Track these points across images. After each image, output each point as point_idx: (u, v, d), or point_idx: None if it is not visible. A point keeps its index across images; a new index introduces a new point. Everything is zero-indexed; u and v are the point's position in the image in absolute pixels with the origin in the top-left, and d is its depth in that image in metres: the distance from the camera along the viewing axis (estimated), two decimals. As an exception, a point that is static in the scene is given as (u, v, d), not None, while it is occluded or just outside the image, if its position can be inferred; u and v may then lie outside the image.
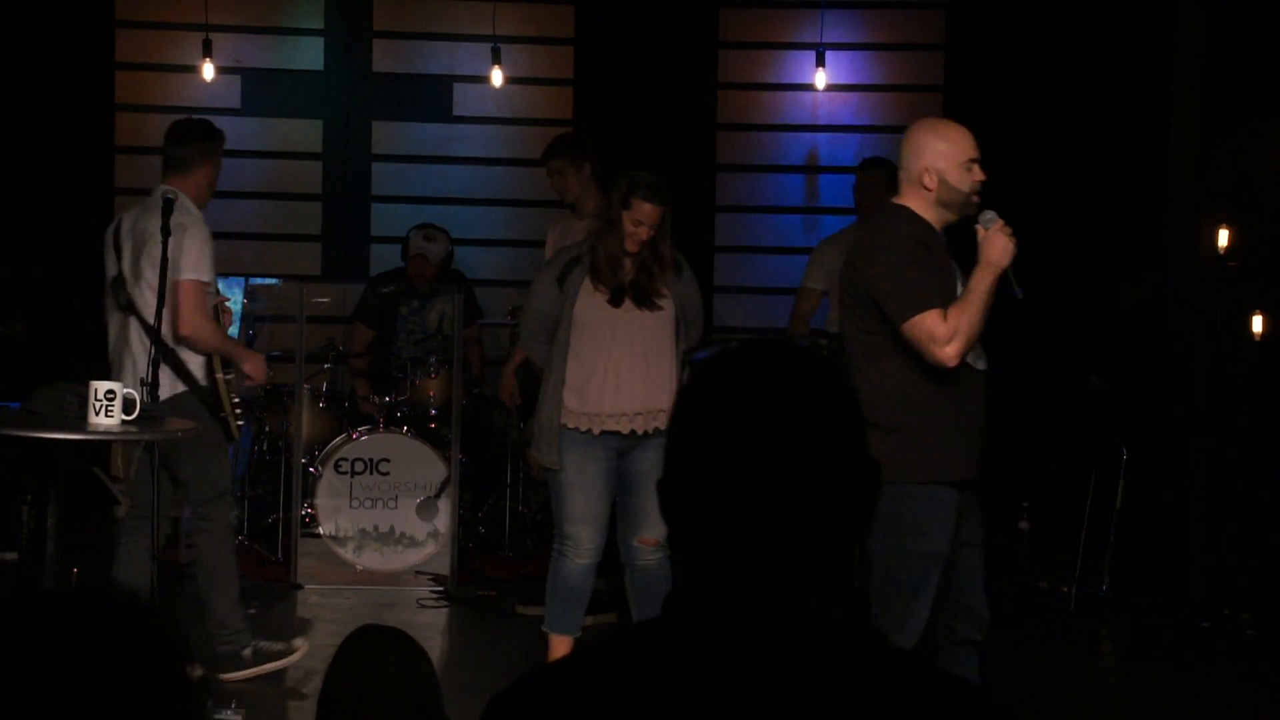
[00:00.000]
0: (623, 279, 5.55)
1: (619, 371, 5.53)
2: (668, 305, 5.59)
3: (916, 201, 4.64)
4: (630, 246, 5.52)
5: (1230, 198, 7.69)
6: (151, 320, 5.60)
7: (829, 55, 9.00)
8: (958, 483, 4.54)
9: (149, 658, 1.46)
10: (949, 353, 4.49)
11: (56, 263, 8.73)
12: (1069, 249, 8.51)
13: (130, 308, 5.84)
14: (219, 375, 5.87)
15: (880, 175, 7.63)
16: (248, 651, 5.93)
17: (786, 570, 1.52)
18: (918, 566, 4.49)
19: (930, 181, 4.61)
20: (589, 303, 5.55)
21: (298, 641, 6.08)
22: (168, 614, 6.46)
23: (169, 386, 5.76)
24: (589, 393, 5.55)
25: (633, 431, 5.54)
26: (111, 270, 5.97)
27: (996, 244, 4.57)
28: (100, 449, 8.19)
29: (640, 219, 5.48)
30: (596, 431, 5.55)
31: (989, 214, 4.65)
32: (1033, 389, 8.50)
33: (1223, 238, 7.59)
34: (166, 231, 5.66)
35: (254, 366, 6.01)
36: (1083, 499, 7.44)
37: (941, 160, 4.62)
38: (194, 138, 5.94)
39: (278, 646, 6.01)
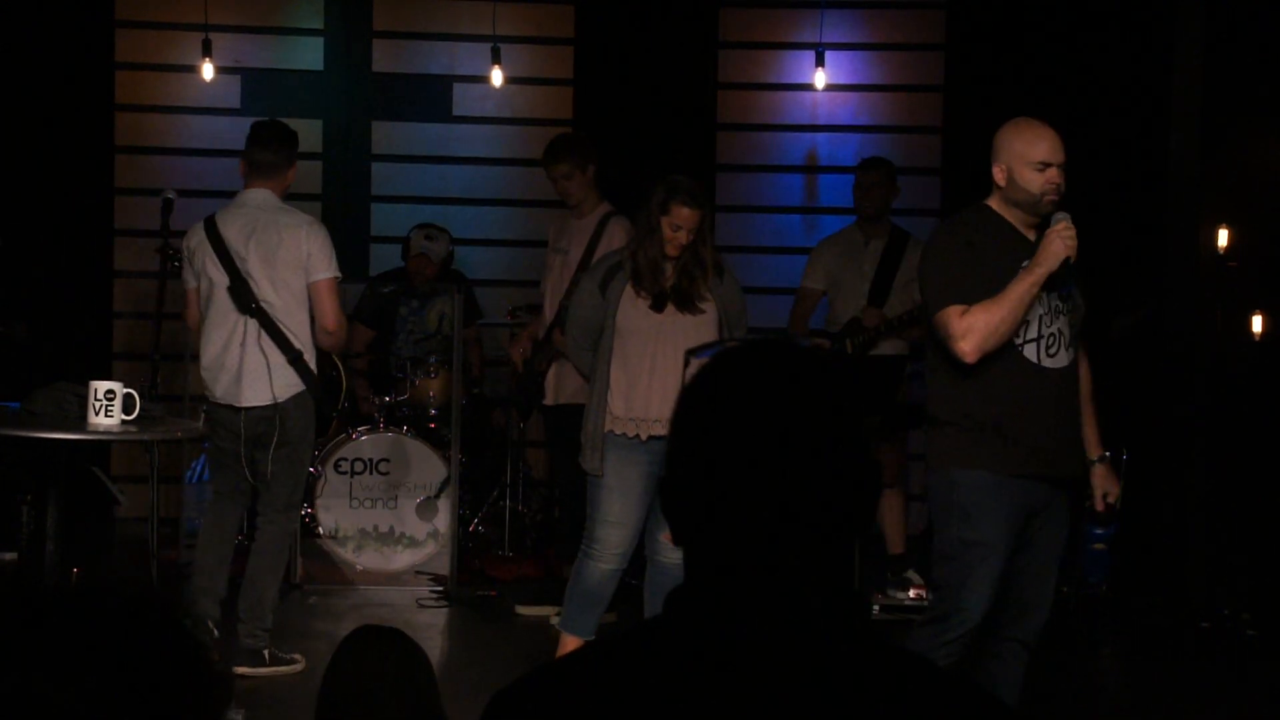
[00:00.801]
0: (664, 284, 5.58)
1: (664, 376, 5.54)
2: (710, 309, 5.61)
3: (995, 198, 4.70)
4: (670, 251, 5.56)
5: (1230, 198, 7.69)
6: (284, 320, 5.86)
7: (829, 55, 9.00)
8: (1027, 477, 4.54)
9: (171, 651, 1.46)
10: (963, 348, 4.50)
11: (56, 263, 8.73)
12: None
13: (257, 310, 5.90)
14: (339, 371, 6.20)
15: (879, 175, 7.64)
16: (267, 653, 6.05)
17: (787, 570, 1.52)
18: (964, 554, 4.51)
19: (1001, 178, 4.67)
20: (631, 309, 5.59)
21: (299, 656, 6.15)
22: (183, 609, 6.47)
23: (295, 384, 5.93)
24: (635, 398, 5.58)
25: None
26: (217, 274, 5.96)
27: (1047, 247, 4.56)
28: (100, 449, 8.20)
29: (679, 224, 5.51)
30: (644, 437, 5.57)
31: (1058, 215, 4.65)
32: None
33: (1223, 238, 7.59)
34: (166, 232, 5.81)
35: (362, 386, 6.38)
36: (1082, 499, 7.43)
37: (1013, 158, 4.68)
38: (283, 142, 6.07)
39: (291, 656, 6.12)
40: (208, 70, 8.78)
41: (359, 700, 3.05)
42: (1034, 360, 4.56)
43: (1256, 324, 7.56)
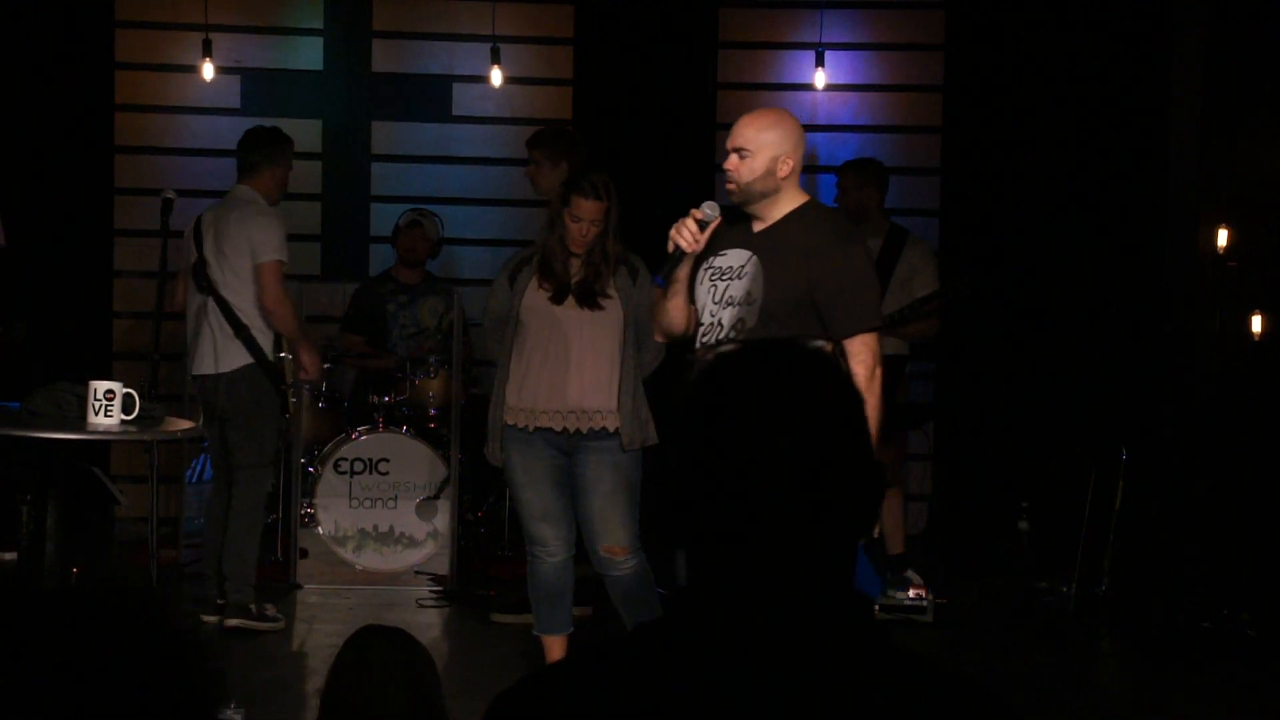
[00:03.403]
0: (568, 277, 5.57)
1: (554, 368, 5.53)
2: (612, 306, 5.57)
3: None
4: (573, 245, 5.54)
5: (1230, 198, 7.69)
6: (230, 299, 6.53)
7: (828, 55, 9.00)
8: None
9: (161, 649, 1.46)
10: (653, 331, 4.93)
11: (56, 263, 8.73)
12: (1069, 249, 8.51)
13: (210, 289, 6.58)
14: (283, 354, 6.65)
15: (851, 179, 7.62)
16: (253, 606, 6.60)
17: (790, 571, 1.52)
18: None
19: None
20: (532, 300, 5.59)
21: (280, 617, 6.75)
22: (176, 607, 6.51)
23: (240, 358, 6.56)
24: (525, 388, 5.57)
25: (566, 430, 5.53)
26: (191, 257, 6.69)
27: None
28: (100, 449, 8.20)
29: (579, 215, 5.50)
30: (532, 428, 5.55)
31: (705, 204, 4.63)
32: (1032, 389, 8.51)
33: (1222, 238, 7.58)
34: (166, 231, 6.46)
35: (310, 361, 6.73)
36: (1082, 499, 7.44)
37: None
38: (258, 144, 6.72)
39: (273, 612, 6.72)
40: (208, 70, 8.77)
41: (363, 700, 3.05)
42: (698, 347, 4.63)
43: (1256, 324, 7.55)
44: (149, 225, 7.87)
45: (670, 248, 4.48)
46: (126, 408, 5.22)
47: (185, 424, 5.81)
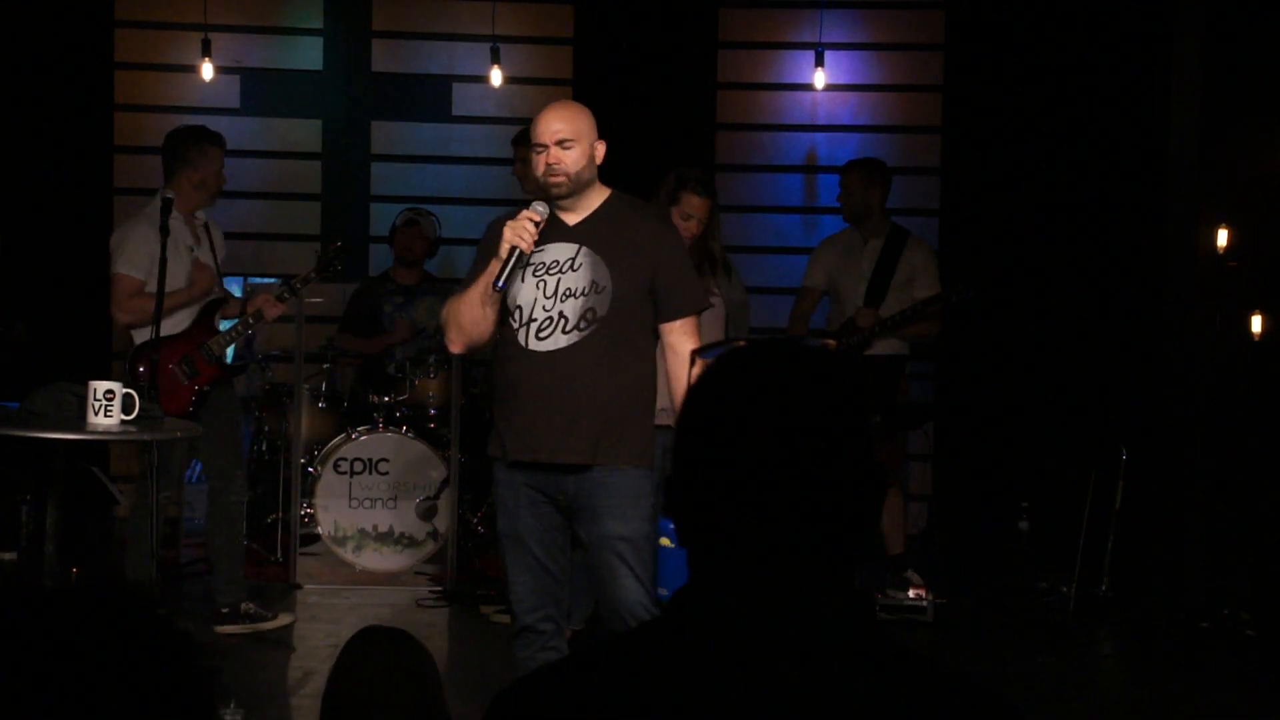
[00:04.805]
0: None
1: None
2: (718, 303, 5.58)
3: None
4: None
5: (1230, 198, 7.69)
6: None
7: (828, 55, 9.00)
8: (524, 465, 4.48)
9: (158, 651, 1.46)
10: (446, 340, 4.65)
11: (56, 263, 8.73)
12: (1068, 249, 8.51)
13: None
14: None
15: (851, 178, 7.62)
16: (244, 607, 6.57)
17: (793, 570, 1.52)
18: (502, 547, 4.58)
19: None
20: None
21: (284, 615, 6.71)
22: (172, 608, 6.50)
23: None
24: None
25: (669, 428, 5.53)
26: None
27: (502, 236, 4.50)
28: (100, 449, 8.20)
29: (690, 212, 5.50)
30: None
31: (535, 204, 4.57)
32: (1032, 389, 8.51)
33: (1222, 238, 7.58)
34: (165, 230, 6.18)
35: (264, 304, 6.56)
36: (1083, 499, 7.44)
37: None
38: (169, 145, 6.59)
39: (268, 614, 6.65)
40: (207, 70, 8.78)
41: (365, 701, 3.04)
42: (522, 343, 4.50)
43: (1256, 324, 7.56)
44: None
45: (505, 251, 4.42)
46: (126, 408, 5.22)
47: (185, 424, 5.81)
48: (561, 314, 4.47)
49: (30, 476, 6.83)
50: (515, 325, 4.49)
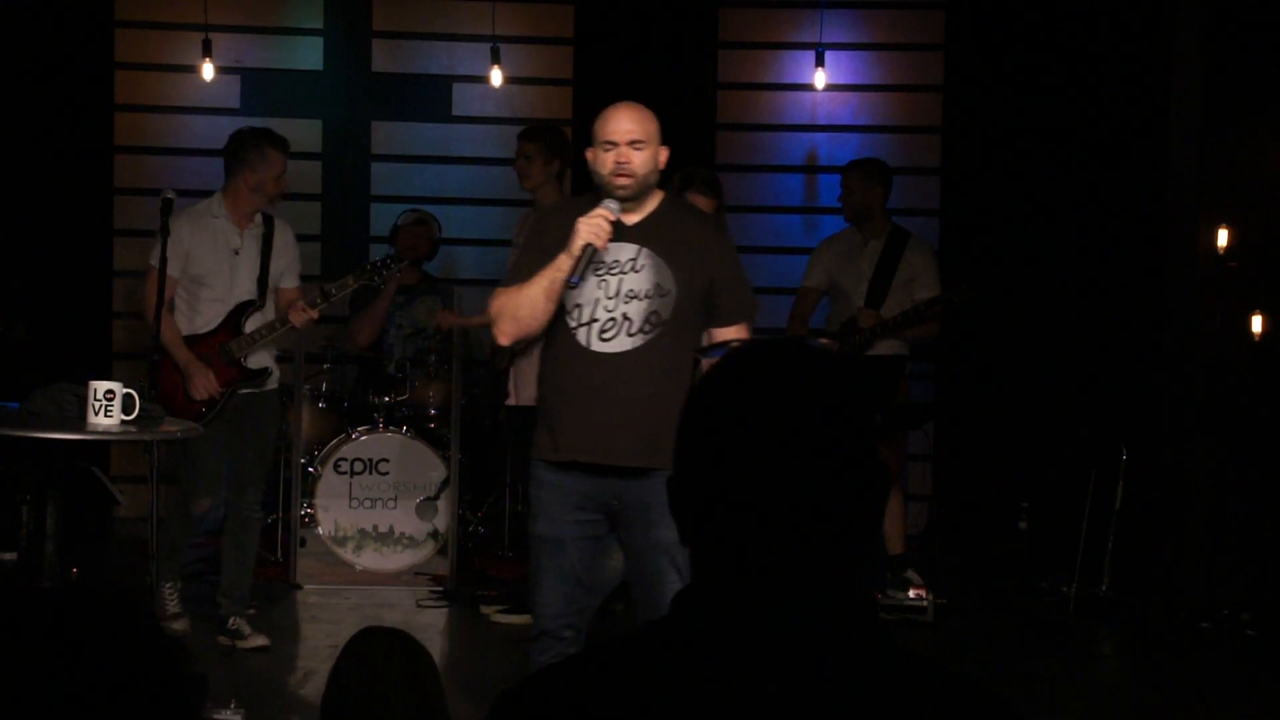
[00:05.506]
0: None
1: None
2: None
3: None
4: None
5: (1230, 198, 7.69)
6: None
7: (828, 55, 9.00)
8: (576, 467, 4.42)
9: (143, 655, 1.46)
10: (494, 331, 4.56)
11: (56, 263, 8.73)
12: (1068, 249, 8.51)
13: None
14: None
15: (853, 179, 7.63)
16: (231, 622, 6.46)
17: (795, 571, 1.52)
18: (535, 549, 4.52)
19: (591, 162, 4.58)
20: None
21: (260, 638, 6.52)
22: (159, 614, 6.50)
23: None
24: None
25: None
26: None
27: (573, 233, 4.40)
28: (100, 449, 8.20)
29: None
30: None
31: (606, 202, 4.48)
32: (1031, 389, 8.50)
33: (1222, 238, 7.58)
34: (165, 231, 6.17)
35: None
36: (1082, 499, 7.44)
37: (593, 141, 4.58)
38: (230, 145, 6.54)
39: (247, 632, 6.49)
40: (207, 70, 8.78)
41: (364, 702, 3.04)
42: (583, 343, 4.46)
43: (1256, 324, 7.55)
44: (149, 225, 7.86)
45: (579, 248, 4.39)
46: (126, 408, 5.22)
47: (185, 424, 5.81)
48: (625, 316, 4.46)
49: (30, 476, 6.82)
50: (573, 324, 4.46)
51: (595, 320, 4.45)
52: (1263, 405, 7.47)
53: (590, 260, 4.39)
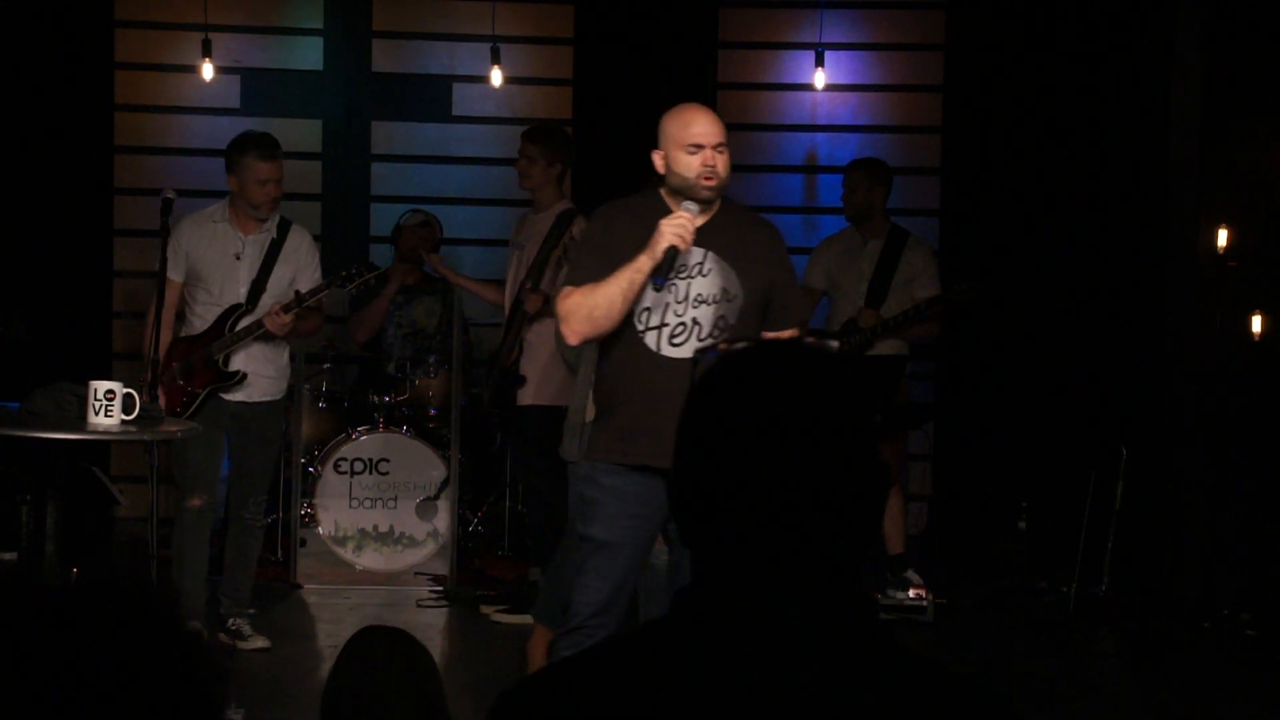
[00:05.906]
0: None
1: None
2: None
3: (665, 186, 4.60)
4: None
5: (1230, 198, 7.69)
6: None
7: (828, 55, 9.00)
8: (648, 470, 4.39)
9: (170, 652, 1.46)
10: (563, 330, 4.49)
11: (56, 263, 8.73)
12: (1068, 249, 8.50)
13: None
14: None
15: (855, 178, 7.63)
16: (231, 623, 6.50)
17: (796, 570, 1.52)
18: (584, 550, 4.51)
19: (660, 164, 4.57)
20: None
21: (261, 639, 6.54)
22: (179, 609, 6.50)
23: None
24: None
25: None
26: None
27: (655, 235, 4.39)
28: (100, 449, 8.20)
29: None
30: None
31: (686, 204, 4.48)
32: (1031, 389, 8.50)
33: (1222, 238, 7.58)
34: (165, 231, 6.24)
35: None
36: (1082, 499, 7.44)
37: (669, 142, 4.56)
38: (226, 153, 6.47)
39: (248, 633, 6.52)
40: (207, 70, 8.77)
41: (364, 701, 3.04)
42: (653, 348, 4.45)
43: (1256, 324, 7.56)
44: (149, 225, 7.86)
45: (662, 250, 4.37)
46: (126, 408, 5.22)
47: (184, 424, 5.81)
48: (695, 320, 4.46)
49: (30, 476, 6.82)
50: (641, 328, 4.45)
51: (665, 325, 4.45)
52: (1263, 405, 7.47)
53: (674, 263, 4.40)
